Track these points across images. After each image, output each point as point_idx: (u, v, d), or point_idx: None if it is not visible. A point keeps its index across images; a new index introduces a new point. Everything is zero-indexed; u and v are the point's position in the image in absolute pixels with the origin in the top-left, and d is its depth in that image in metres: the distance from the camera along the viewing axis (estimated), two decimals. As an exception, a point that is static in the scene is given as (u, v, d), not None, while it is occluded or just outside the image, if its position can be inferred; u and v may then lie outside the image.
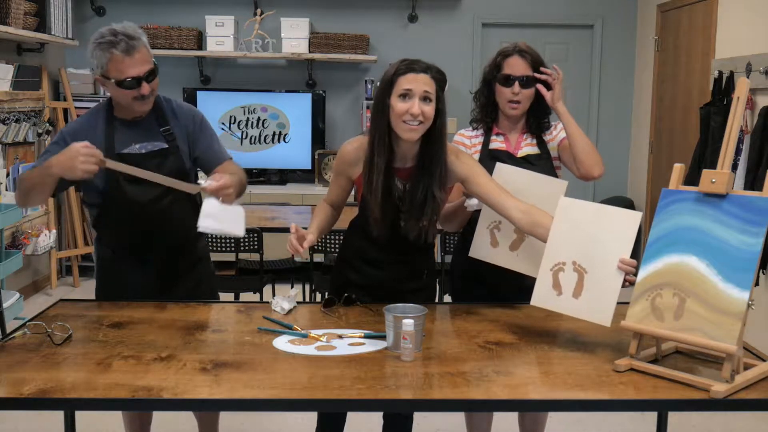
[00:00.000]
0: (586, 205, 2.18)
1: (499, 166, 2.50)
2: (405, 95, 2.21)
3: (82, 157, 2.20)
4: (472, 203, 2.44)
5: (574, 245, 2.13)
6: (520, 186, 2.41)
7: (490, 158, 2.59)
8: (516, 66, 2.57)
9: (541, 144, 2.65)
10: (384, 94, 2.25)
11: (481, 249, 2.52)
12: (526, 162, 2.61)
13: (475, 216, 2.56)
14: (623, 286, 2.06)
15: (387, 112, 2.25)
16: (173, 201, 2.51)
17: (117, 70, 2.38)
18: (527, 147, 2.65)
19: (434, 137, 2.29)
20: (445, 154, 2.32)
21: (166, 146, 2.53)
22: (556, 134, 2.68)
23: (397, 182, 2.35)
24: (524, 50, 2.60)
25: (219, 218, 2.34)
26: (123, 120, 2.53)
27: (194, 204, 2.55)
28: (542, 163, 2.62)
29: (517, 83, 2.56)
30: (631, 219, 2.09)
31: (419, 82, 2.21)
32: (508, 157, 2.61)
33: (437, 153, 2.30)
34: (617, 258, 2.05)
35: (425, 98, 2.22)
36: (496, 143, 2.65)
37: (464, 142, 2.67)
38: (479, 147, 2.65)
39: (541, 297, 2.18)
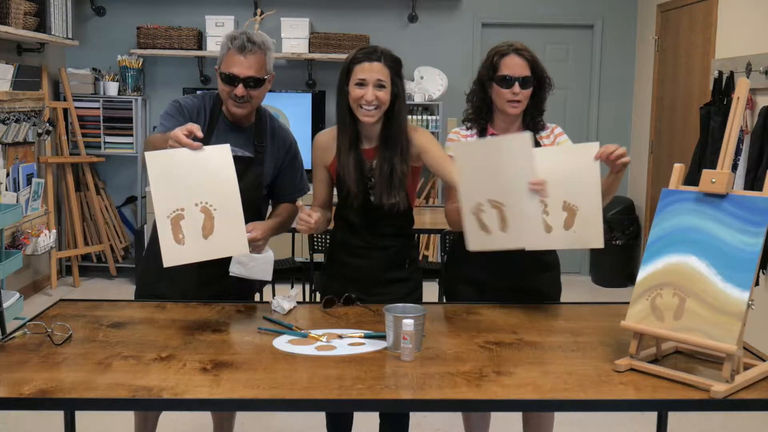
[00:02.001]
0: (477, 143, 2.36)
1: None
2: (360, 83, 2.40)
3: (171, 141, 2.21)
4: None
5: (483, 184, 2.20)
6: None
7: None
8: (514, 66, 2.52)
9: (536, 145, 2.58)
10: (343, 81, 2.46)
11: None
12: None
13: None
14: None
15: (346, 97, 2.44)
16: None
17: (225, 63, 2.50)
18: None
19: (393, 117, 2.47)
20: (405, 131, 2.50)
21: (252, 156, 2.60)
22: (554, 140, 2.64)
23: (365, 161, 2.52)
24: (521, 49, 2.55)
25: (247, 266, 2.50)
26: (226, 120, 2.61)
27: (257, 213, 2.62)
28: None
29: (517, 84, 2.50)
30: (522, 140, 2.18)
31: (373, 71, 2.40)
32: None
33: (398, 131, 2.48)
34: (526, 182, 2.12)
35: (379, 85, 2.40)
36: None
37: (460, 139, 2.64)
38: None
39: (475, 241, 2.26)
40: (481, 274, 2.61)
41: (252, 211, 2.59)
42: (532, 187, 2.11)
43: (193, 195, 2.19)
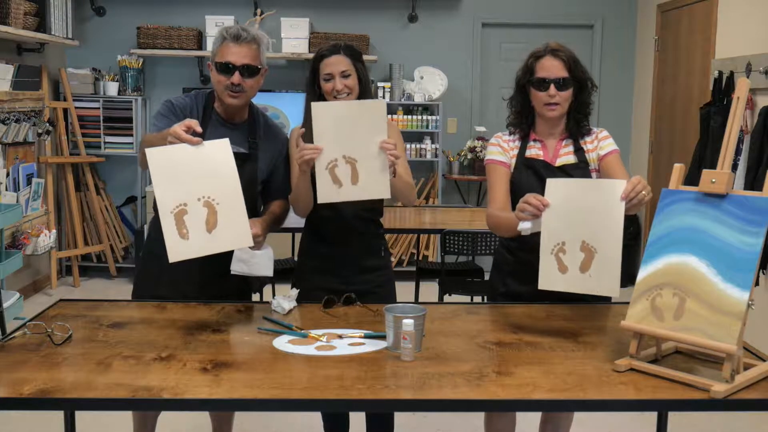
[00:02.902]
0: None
1: (550, 183, 2.25)
2: (328, 78, 2.57)
3: (170, 137, 2.23)
4: (526, 227, 2.25)
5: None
6: (576, 199, 2.20)
7: (526, 167, 2.52)
8: (550, 67, 2.46)
9: (579, 151, 2.54)
10: (313, 79, 2.61)
11: (551, 279, 2.21)
12: (563, 172, 2.49)
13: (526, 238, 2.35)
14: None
15: (319, 92, 2.60)
16: None
17: (221, 53, 2.53)
18: (565, 156, 2.53)
19: (361, 98, 2.60)
20: None
21: (247, 153, 2.60)
22: (597, 144, 2.56)
23: None
24: (556, 49, 2.47)
25: (249, 263, 2.48)
26: (219, 117, 2.61)
27: (253, 209, 2.59)
28: (579, 173, 2.49)
29: (552, 86, 2.44)
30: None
31: (336, 64, 2.57)
32: (545, 167, 2.50)
33: None
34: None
35: (344, 75, 2.57)
36: (534, 150, 2.55)
37: (501, 144, 2.58)
38: (516, 152, 2.56)
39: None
40: (522, 288, 2.53)
41: (247, 207, 2.58)
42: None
43: (196, 190, 2.21)
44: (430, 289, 4.70)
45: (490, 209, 2.54)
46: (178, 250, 2.19)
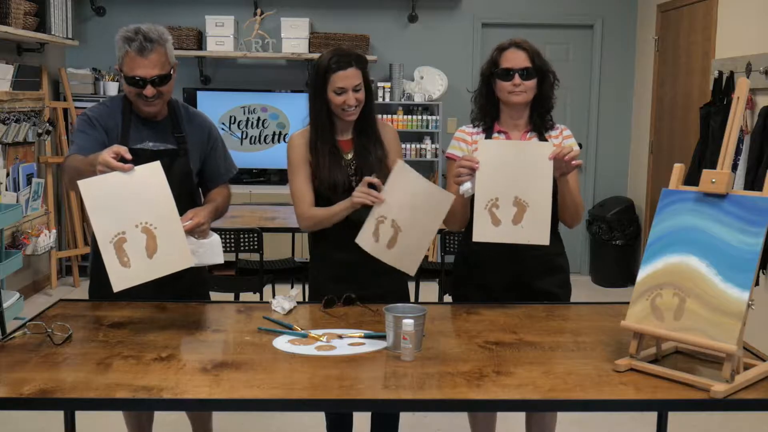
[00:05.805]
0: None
1: (482, 143, 2.44)
2: (340, 92, 2.52)
3: (100, 166, 2.20)
4: (465, 188, 2.40)
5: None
6: (506, 159, 2.39)
7: None
8: (514, 59, 2.52)
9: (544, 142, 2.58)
10: (321, 88, 2.54)
11: (484, 231, 2.41)
12: None
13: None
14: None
15: (326, 100, 2.55)
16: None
17: (128, 66, 2.47)
18: None
19: (366, 111, 2.62)
20: (375, 120, 2.67)
21: (176, 148, 2.59)
22: (562, 141, 2.60)
23: (343, 152, 2.61)
24: (520, 43, 2.56)
25: (197, 253, 2.43)
26: (139, 117, 2.59)
27: (192, 202, 2.59)
28: None
29: (517, 75, 2.50)
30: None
31: (350, 78, 2.52)
32: None
33: (370, 122, 2.64)
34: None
35: (357, 89, 2.54)
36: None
37: (465, 138, 2.64)
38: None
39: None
40: (490, 277, 2.60)
41: (187, 201, 2.56)
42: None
43: (133, 217, 2.19)
44: (430, 289, 4.70)
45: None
46: (120, 280, 2.18)
